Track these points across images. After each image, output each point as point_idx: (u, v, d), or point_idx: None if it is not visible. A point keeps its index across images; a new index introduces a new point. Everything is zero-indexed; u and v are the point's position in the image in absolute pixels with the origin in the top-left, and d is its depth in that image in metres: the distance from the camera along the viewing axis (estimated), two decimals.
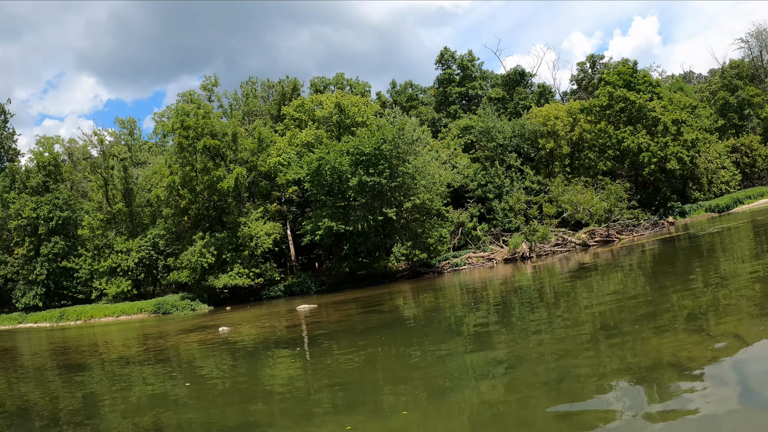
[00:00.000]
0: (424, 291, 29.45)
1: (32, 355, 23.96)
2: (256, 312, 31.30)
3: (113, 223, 48.85)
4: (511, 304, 18.37)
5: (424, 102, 53.20)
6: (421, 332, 15.27)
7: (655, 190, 48.62)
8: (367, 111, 41.92)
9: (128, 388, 12.95)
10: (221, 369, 14.10)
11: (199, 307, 39.46)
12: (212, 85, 47.25)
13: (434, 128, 48.56)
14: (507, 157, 42.83)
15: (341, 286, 38.02)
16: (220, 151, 41.68)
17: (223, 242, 39.42)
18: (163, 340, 22.97)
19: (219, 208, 41.19)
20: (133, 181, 48.92)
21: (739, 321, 10.79)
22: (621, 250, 34.08)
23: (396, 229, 37.41)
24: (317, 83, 50.64)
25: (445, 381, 9.34)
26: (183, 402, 10.74)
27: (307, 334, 19.20)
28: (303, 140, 40.45)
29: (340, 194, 36.91)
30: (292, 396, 10.02)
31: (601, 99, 47.84)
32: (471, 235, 40.64)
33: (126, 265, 45.42)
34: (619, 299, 15.48)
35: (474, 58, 53.89)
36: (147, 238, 45.98)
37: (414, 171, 36.51)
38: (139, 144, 56.00)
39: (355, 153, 36.07)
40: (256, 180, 42.58)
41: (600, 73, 56.98)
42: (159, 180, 42.97)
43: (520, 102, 50.68)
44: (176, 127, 41.04)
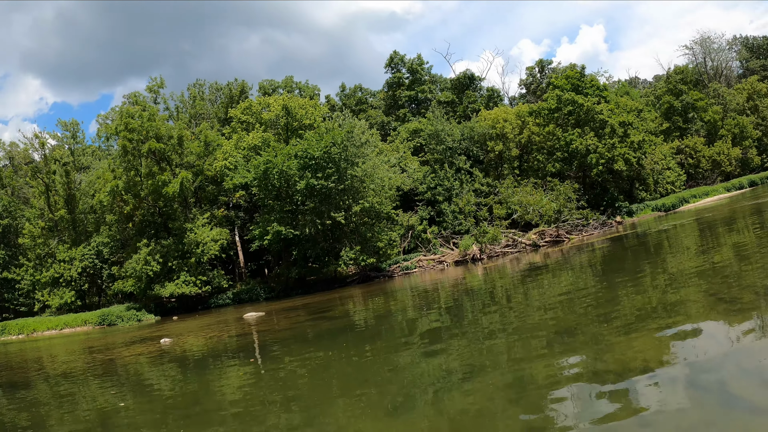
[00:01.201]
0: (374, 295, 29.27)
1: None
2: (203, 321, 30.69)
3: (55, 231, 47.05)
4: (464, 307, 18.34)
5: (373, 105, 53.20)
6: (373, 338, 15.04)
7: (602, 190, 49.75)
8: (315, 114, 41.56)
9: (75, 404, 12.49)
10: (168, 382, 13.63)
11: (145, 317, 38.34)
12: (158, 86, 46.05)
13: (383, 132, 48.54)
14: (456, 160, 43.10)
15: (291, 292, 37.52)
16: (166, 155, 40.62)
17: (168, 249, 38.40)
18: (107, 353, 22.23)
19: (164, 213, 40.12)
20: (76, 186, 47.24)
21: (688, 318, 10.98)
22: (571, 250, 34.63)
23: (345, 233, 37.14)
24: (266, 86, 49.96)
25: (400, 393, 9.12)
26: (132, 418, 10.32)
27: (254, 343, 18.81)
28: (250, 143, 39.81)
29: (288, 198, 36.45)
30: (246, 411, 9.68)
31: (550, 102, 48.71)
32: (421, 238, 40.72)
33: (69, 275, 43.78)
34: (571, 299, 15.60)
35: (423, 62, 54.15)
36: (90, 246, 44.44)
37: (363, 174, 36.33)
38: (82, 148, 54.13)
39: (303, 156, 35.68)
40: (202, 185, 41.65)
41: (548, 78, 58.04)
42: (102, 185, 41.64)
43: (470, 105, 51.13)
44: (120, 130, 39.81)
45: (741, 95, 71.25)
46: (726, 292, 12.26)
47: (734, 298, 11.43)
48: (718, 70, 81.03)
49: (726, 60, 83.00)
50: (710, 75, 78.63)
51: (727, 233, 26.09)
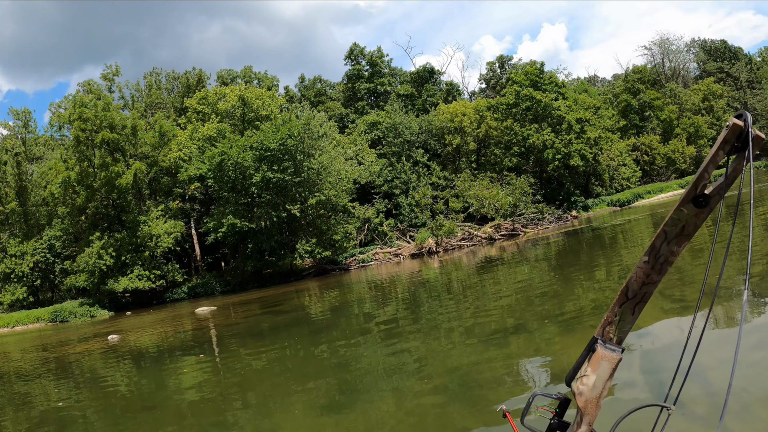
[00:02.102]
0: (330, 288, 29.30)
1: None
2: (156, 316, 30.43)
3: (6, 225, 45.75)
4: (419, 300, 18.40)
5: (332, 97, 53.14)
6: (328, 331, 14.99)
7: (559, 185, 50.74)
8: (272, 105, 41.33)
9: (28, 403, 12.29)
10: (121, 379, 13.45)
11: (98, 313, 37.72)
12: (113, 74, 45.06)
13: (342, 124, 48.53)
14: (414, 153, 43.45)
15: (247, 285, 37.36)
16: (120, 146, 39.88)
17: (122, 243, 37.80)
18: (60, 351, 21.77)
19: (118, 206, 39.43)
20: (27, 177, 45.99)
21: (643, 314, 11.01)
22: (526, 243, 35.11)
23: (301, 225, 37.14)
24: (224, 76, 49.44)
25: (349, 388, 9.01)
26: (85, 415, 10.18)
27: (207, 337, 18.63)
28: (205, 134, 39.41)
29: (243, 191, 36.24)
30: (202, 406, 9.55)
31: (508, 98, 49.43)
32: (378, 231, 40.96)
33: (20, 270, 42.66)
34: (526, 293, 15.68)
35: (383, 55, 54.25)
36: (42, 240, 43.38)
37: (319, 167, 36.31)
38: (35, 137, 52.60)
39: (259, 148, 35.49)
40: (157, 176, 41.02)
41: (508, 74, 58.91)
42: (54, 176, 40.69)
43: (429, 99, 51.53)
44: (73, 119, 38.87)
45: (697, 96, 73.30)
46: (671, 289, 12.27)
47: (680, 297, 11.42)
48: (676, 70, 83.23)
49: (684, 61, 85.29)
50: (668, 75, 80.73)
51: None
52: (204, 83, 47.67)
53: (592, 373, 1.96)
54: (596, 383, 1.94)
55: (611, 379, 1.99)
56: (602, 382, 1.95)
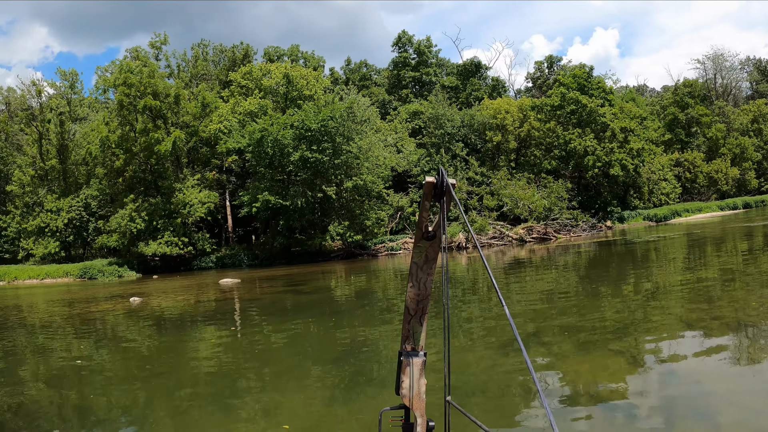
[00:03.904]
0: (356, 272, 29.13)
1: None
2: (181, 282, 30.50)
3: (45, 181, 46.70)
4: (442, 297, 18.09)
5: (377, 83, 52.76)
6: (350, 315, 14.81)
7: (596, 193, 49.66)
8: (316, 86, 41.21)
9: (49, 354, 12.40)
10: (142, 340, 13.55)
11: (126, 273, 38.29)
12: (161, 43, 45.47)
13: (384, 110, 48.14)
14: (453, 146, 42.91)
15: (275, 261, 37.44)
16: (162, 113, 40.25)
17: (156, 207, 38.19)
18: (85, 306, 22.04)
19: (155, 171, 39.83)
20: (69, 137, 46.79)
21: (663, 340, 10.42)
22: (557, 249, 34.48)
23: (334, 207, 37.00)
24: (271, 52, 49.46)
25: (370, 375, 8.70)
26: (103, 371, 10.23)
27: (227, 309, 18.60)
28: (247, 109, 39.49)
29: (280, 168, 36.24)
30: (216, 376, 9.43)
31: (554, 99, 48.45)
32: (409, 221, 40.64)
33: (55, 225, 43.54)
34: (550, 301, 15.23)
35: (431, 45, 53.70)
36: (79, 198, 44.14)
37: (358, 151, 36.10)
38: (80, 99, 53.54)
39: (300, 127, 35.41)
40: (196, 146, 41.30)
41: (556, 75, 57.73)
42: (96, 137, 41.36)
43: (473, 93, 50.78)
44: (118, 84, 39.38)
45: (746, 116, 71.09)
46: (697, 318, 11.75)
47: (706, 328, 10.83)
48: (727, 88, 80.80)
49: (736, 79, 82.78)
50: (718, 92, 78.40)
51: (715, 253, 25.71)
52: (250, 58, 47.79)
53: (406, 378, 2.43)
54: (411, 384, 2.41)
55: (422, 377, 2.47)
56: (416, 382, 2.43)
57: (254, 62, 46.89)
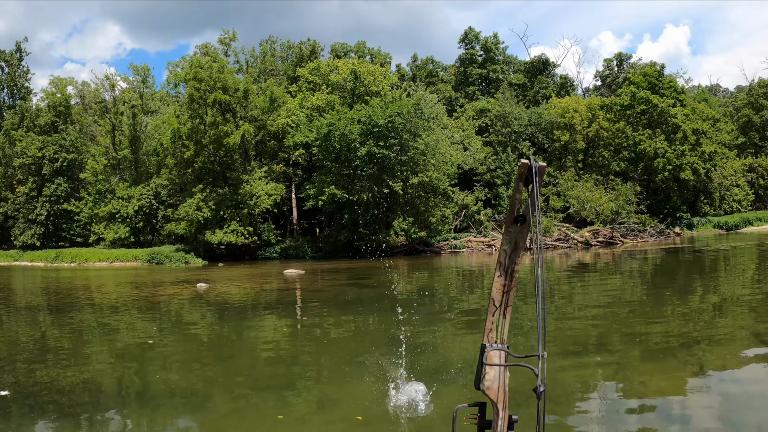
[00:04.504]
0: (419, 269, 28.96)
1: (25, 293, 23.81)
2: (246, 271, 30.99)
3: (117, 169, 48.59)
4: None
5: (443, 80, 52.41)
6: (410, 311, 14.62)
7: (665, 197, 47.87)
8: (383, 82, 41.26)
9: (115, 333, 12.75)
10: (205, 324, 13.83)
11: (192, 260, 39.26)
12: (230, 39, 46.55)
13: (450, 107, 47.78)
14: (520, 145, 42.18)
15: (338, 254, 37.63)
16: (231, 107, 41.18)
17: (223, 198, 39.08)
18: (151, 290, 22.65)
19: (224, 163, 40.77)
20: (141, 128, 48.51)
21: (730, 354, 9.89)
22: (623, 254, 33.42)
23: (399, 203, 36.95)
24: (338, 48, 49.87)
25: (427, 373, 8.39)
26: (165, 352, 10.46)
27: (290, 299, 18.72)
28: (314, 104, 39.90)
29: (346, 162, 36.44)
30: (275, 364, 9.46)
31: (623, 98, 46.95)
32: (474, 219, 40.20)
33: (126, 211, 45.26)
34: (614, 308, 14.66)
35: (499, 42, 53.06)
36: (149, 186, 45.70)
37: (425, 148, 35.91)
38: (151, 92, 55.50)
39: (367, 123, 35.51)
40: (264, 139, 42.06)
41: (626, 73, 55.89)
42: (167, 129, 42.70)
43: (541, 91, 49.78)
44: (189, 78, 40.49)
45: None
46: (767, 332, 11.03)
47: None
48: None
49: None
50: None
51: None
52: (317, 54, 48.35)
53: (491, 370, 2.37)
54: (496, 376, 2.36)
55: (506, 370, 2.40)
56: (501, 374, 2.37)
57: (321, 58, 47.43)
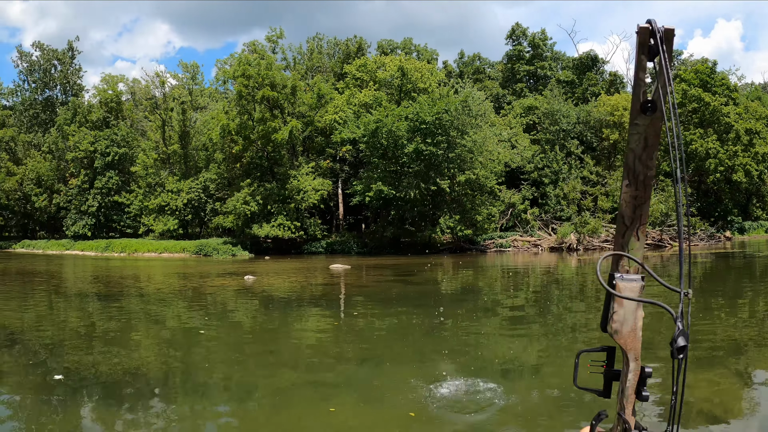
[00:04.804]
0: (464, 267, 28.75)
1: (76, 281, 24.23)
2: (292, 264, 31.31)
3: (167, 164, 49.84)
4: (550, 296, 17.40)
5: (490, 76, 52.04)
6: (454, 310, 14.52)
7: (716, 200, 46.52)
8: (430, 79, 41.25)
9: (161, 321, 13.05)
10: (249, 317, 13.92)
11: (239, 253, 39.90)
12: (277, 37, 47.27)
13: (497, 104, 47.41)
14: (568, 144, 41.54)
15: (383, 250, 37.79)
16: (279, 103, 41.78)
17: (270, 192, 39.67)
18: (199, 281, 22.97)
19: (272, 158, 41.40)
20: (190, 124, 49.63)
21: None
22: (671, 258, 32.49)
23: (446, 201, 36.89)
24: (384, 45, 50.07)
25: (467, 372, 8.20)
26: (209, 343, 10.58)
27: (336, 294, 18.80)
28: (362, 100, 40.17)
29: (394, 159, 36.57)
30: (318, 358, 9.42)
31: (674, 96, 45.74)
32: (520, 218, 39.81)
33: (175, 204, 46.39)
34: (661, 313, 14.24)
35: (546, 38, 52.35)
36: (198, 180, 46.75)
37: (472, 145, 35.78)
38: (200, 89, 56.80)
39: (414, 120, 35.57)
40: (311, 135, 42.55)
41: (676, 70, 54.50)
42: (216, 125, 43.55)
43: (589, 88, 48.86)
44: (237, 75, 41.20)
45: None
46: None
47: None
48: None
49: None
50: None
51: None
52: (363, 51, 48.66)
53: (620, 307, 1.91)
54: (626, 316, 1.93)
55: (640, 308, 1.94)
56: (632, 313, 1.92)
57: (368, 55, 47.70)
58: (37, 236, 60.58)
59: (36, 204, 56.40)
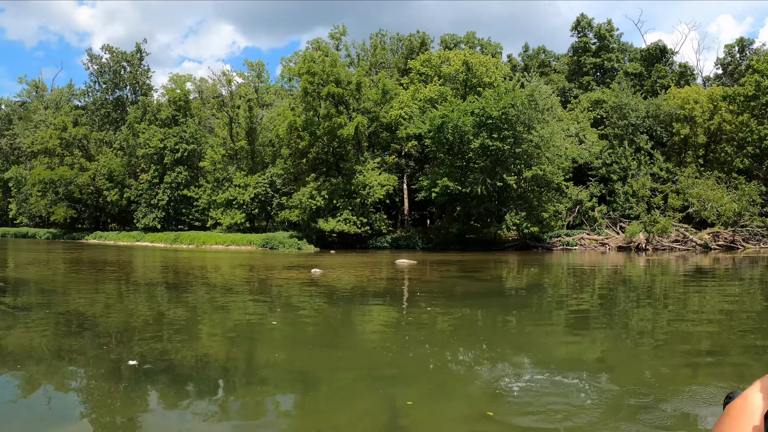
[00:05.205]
0: (530, 265, 28.41)
1: (145, 270, 24.71)
2: (357, 259, 31.63)
3: (234, 159, 51.53)
4: (616, 297, 17.01)
5: (556, 69, 51.07)
6: (519, 309, 14.35)
7: None
8: (496, 73, 41.03)
9: (227, 312, 13.22)
10: (313, 310, 13.86)
11: (305, 246, 40.75)
12: (340, 34, 47.98)
13: (564, 98, 46.53)
14: (637, 139, 40.42)
15: (448, 246, 37.93)
16: (344, 99, 42.45)
17: (336, 187, 40.41)
18: (265, 273, 23.24)
19: (337, 154, 42.19)
20: (257, 121, 51.12)
21: None
22: (744, 260, 31.11)
23: (512, 197, 36.72)
24: (447, 40, 50.06)
25: (532, 374, 7.82)
26: (274, 334, 10.68)
27: (401, 289, 18.90)
28: (426, 96, 40.35)
29: (459, 154, 36.61)
30: (380, 354, 9.29)
31: (747, 88, 43.82)
32: (587, 216, 39.10)
33: (242, 199, 47.92)
34: (733, 319, 13.41)
35: (613, 28, 50.82)
36: (265, 175, 48.14)
37: (539, 140, 35.45)
38: (266, 87, 58.40)
39: (480, 115, 35.46)
40: (376, 130, 43.04)
41: (748, 60, 52.06)
42: (282, 122, 44.62)
43: (658, 80, 47.23)
44: (302, 73, 42.00)
45: None
46: None
47: None
48: None
49: None
50: None
51: None
52: (427, 46, 48.84)
53: None
54: None
55: None
56: None
57: (431, 50, 47.83)
58: (108, 228, 63.75)
59: (108, 198, 59.34)
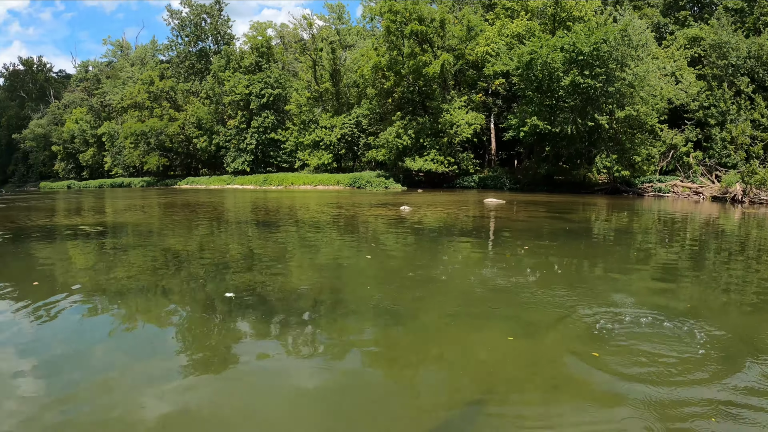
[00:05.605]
0: (619, 210, 28.02)
1: (236, 211, 25.18)
2: (445, 197, 31.93)
3: (320, 101, 53.07)
4: (706, 249, 16.49)
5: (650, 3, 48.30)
6: (605, 254, 14.30)
7: None
8: (586, 6, 39.64)
9: (316, 249, 13.33)
10: (400, 246, 13.82)
11: (392, 185, 42.01)
12: None
13: (659, 34, 44.32)
14: (738, 81, 38.24)
15: (536, 187, 37.97)
16: (428, 37, 42.43)
17: (422, 127, 41.04)
18: (352, 210, 23.58)
19: (423, 93, 42.63)
20: (340, 62, 52.11)
21: None
22: None
23: (603, 139, 36.17)
24: None
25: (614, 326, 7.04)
26: (361, 270, 10.78)
27: (489, 227, 19.03)
28: (513, 31, 39.65)
29: (549, 92, 36.15)
30: (474, 284, 9.26)
31: None
32: (682, 162, 37.72)
33: (329, 140, 49.59)
34: None
35: None
36: (351, 116, 49.40)
37: (633, 79, 34.50)
38: (347, 28, 59.03)
39: (571, 51, 34.61)
40: (462, 68, 42.96)
41: None
42: (366, 62, 44.97)
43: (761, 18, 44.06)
44: (384, 12, 42.02)
45: None
46: None
47: None
48: None
49: None
50: None
51: None
52: None
53: None
54: None
55: None
56: None
57: None
58: (199, 173, 67.48)
59: (197, 145, 62.66)
